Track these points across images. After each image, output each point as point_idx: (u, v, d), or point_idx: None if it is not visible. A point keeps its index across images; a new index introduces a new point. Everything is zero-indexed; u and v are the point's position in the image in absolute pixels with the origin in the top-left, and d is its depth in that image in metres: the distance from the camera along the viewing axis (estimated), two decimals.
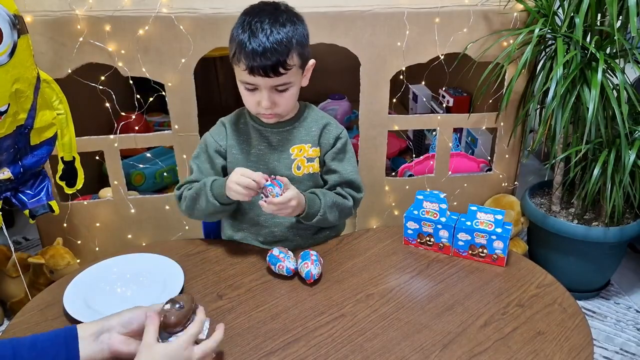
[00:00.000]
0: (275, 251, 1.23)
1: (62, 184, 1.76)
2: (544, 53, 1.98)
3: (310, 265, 1.18)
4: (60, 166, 1.73)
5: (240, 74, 1.22)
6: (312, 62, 1.30)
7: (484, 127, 2.26)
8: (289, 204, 1.21)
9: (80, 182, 1.79)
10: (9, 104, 1.40)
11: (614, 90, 1.77)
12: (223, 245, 1.34)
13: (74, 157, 1.74)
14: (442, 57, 1.99)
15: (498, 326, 1.08)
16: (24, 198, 1.62)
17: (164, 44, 1.83)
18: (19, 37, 1.41)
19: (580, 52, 1.78)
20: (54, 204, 1.68)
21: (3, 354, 0.84)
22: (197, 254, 1.31)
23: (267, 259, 1.23)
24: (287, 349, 1.03)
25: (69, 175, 1.76)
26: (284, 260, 1.21)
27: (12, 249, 1.84)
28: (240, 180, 1.19)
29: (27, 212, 1.63)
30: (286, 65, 1.19)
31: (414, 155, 2.45)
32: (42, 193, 1.65)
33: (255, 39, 1.16)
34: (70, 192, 1.80)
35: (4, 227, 1.63)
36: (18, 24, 1.42)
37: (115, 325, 0.92)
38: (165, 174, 2.47)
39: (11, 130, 1.45)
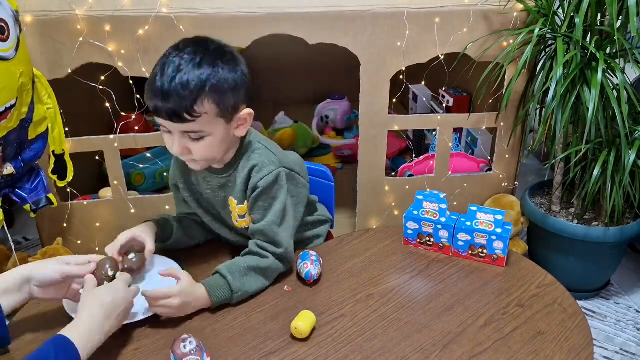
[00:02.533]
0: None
1: (55, 177, 1.78)
2: (544, 53, 1.98)
3: (310, 266, 1.18)
4: (52, 160, 1.74)
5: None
6: (247, 111, 1.14)
7: (484, 127, 2.26)
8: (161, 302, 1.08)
9: (70, 175, 1.80)
10: (16, 98, 1.42)
11: (614, 90, 1.77)
12: (223, 245, 1.34)
13: (63, 150, 1.75)
14: (442, 57, 1.99)
15: (498, 326, 1.08)
16: (23, 193, 1.63)
17: (164, 44, 1.80)
18: (20, 32, 1.43)
19: (580, 52, 1.78)
20: (51, 196, 1.69)
21: None
22: (197, 254, 1.31)
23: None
24: (287, 349, 1.03)
25: (60, 169, 1.77)
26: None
27: (14, 249, 1.84)
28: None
29: (27, 206, 1.65)
30: (192, 112, 1.04)
31: (414, 155, 2.45)
32: (40, 187, 1.66)
33: (162, 77, 1.05)
34: (62, 185, 1.81)
35: (5, 226, 1.64)
36: (19, 20, 1.44)
37: (35, 279, 1.02)
38: (165, 174, 2.47)
39: (16, 124, 1.47)
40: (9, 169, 1.52)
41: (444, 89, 2.62)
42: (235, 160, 1.21)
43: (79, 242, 2.06)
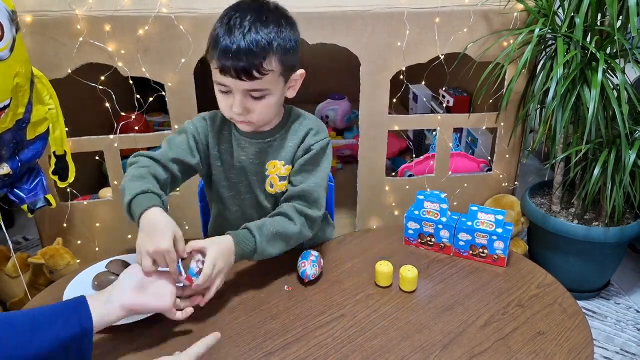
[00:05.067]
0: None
1: (55, 178, 1.77)
2: (544, 53, 1.98)
3: (307, 265, 1.18)
4: (53, 160, 1.74)
5: (214, 72, 1.12)
6: (300, 72, 1.18)
7: (484, 127, 2.26)
8: (214, 277, 1.07)
9: (72, 176, 1.80)
10: (10, 98, 1.42)
11: (614, 90, 1.77)
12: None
13: (65, 151, 1.75)
14: (442, 57, 1.99)
15: (498, 326, 1.08)
16: (21, 193, 1.62)
17: (164, 44, 1.83)
18: (16, 32, 1.43)
19: (580, 52, 1.78)
20: (50, 197, 1.69)
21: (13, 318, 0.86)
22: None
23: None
24: (287, 349, 1.03)
25: (61, 169, 1.77)
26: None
27: (12, 249, 1.84)
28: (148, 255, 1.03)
29: (25, 206, 1.64)
30: (261, 70, 1.08)
31: (414, 155, 2.45)
32: (38, 187, 1.66)
33: (231, 36, 1.06)
34: (63, 186, 1.81)
35: (2, 225, 1.63)
36: (15, 19, 1.43)
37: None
38: None
39: (12, 124, 1.47)
40: (5, 169, 1.51)
41: (444, 89, 2.62)
42: (283, 123, 1.24)
43: (79, 242, 2.06)
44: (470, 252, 1.28)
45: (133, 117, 2.16)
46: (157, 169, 1.18)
